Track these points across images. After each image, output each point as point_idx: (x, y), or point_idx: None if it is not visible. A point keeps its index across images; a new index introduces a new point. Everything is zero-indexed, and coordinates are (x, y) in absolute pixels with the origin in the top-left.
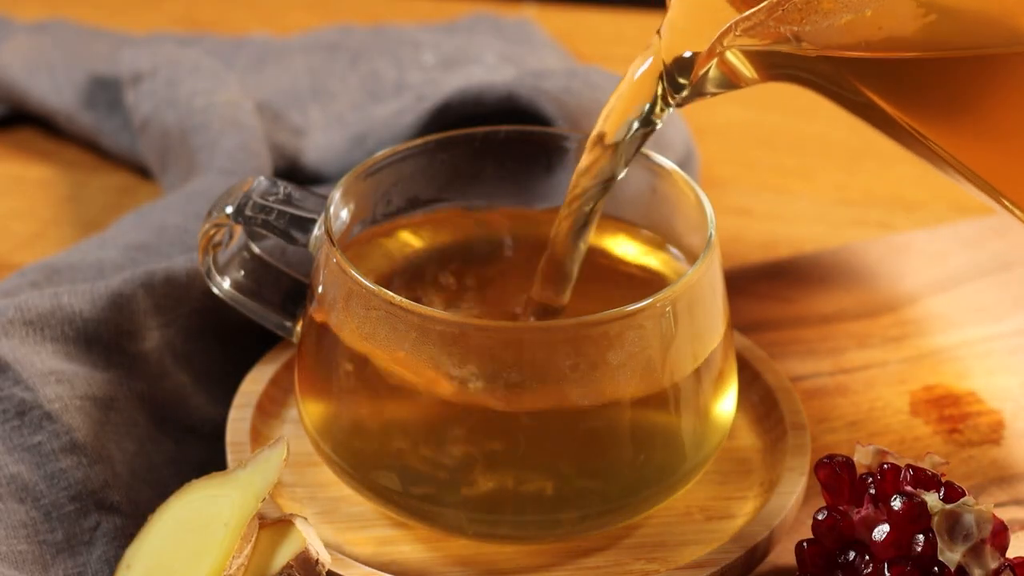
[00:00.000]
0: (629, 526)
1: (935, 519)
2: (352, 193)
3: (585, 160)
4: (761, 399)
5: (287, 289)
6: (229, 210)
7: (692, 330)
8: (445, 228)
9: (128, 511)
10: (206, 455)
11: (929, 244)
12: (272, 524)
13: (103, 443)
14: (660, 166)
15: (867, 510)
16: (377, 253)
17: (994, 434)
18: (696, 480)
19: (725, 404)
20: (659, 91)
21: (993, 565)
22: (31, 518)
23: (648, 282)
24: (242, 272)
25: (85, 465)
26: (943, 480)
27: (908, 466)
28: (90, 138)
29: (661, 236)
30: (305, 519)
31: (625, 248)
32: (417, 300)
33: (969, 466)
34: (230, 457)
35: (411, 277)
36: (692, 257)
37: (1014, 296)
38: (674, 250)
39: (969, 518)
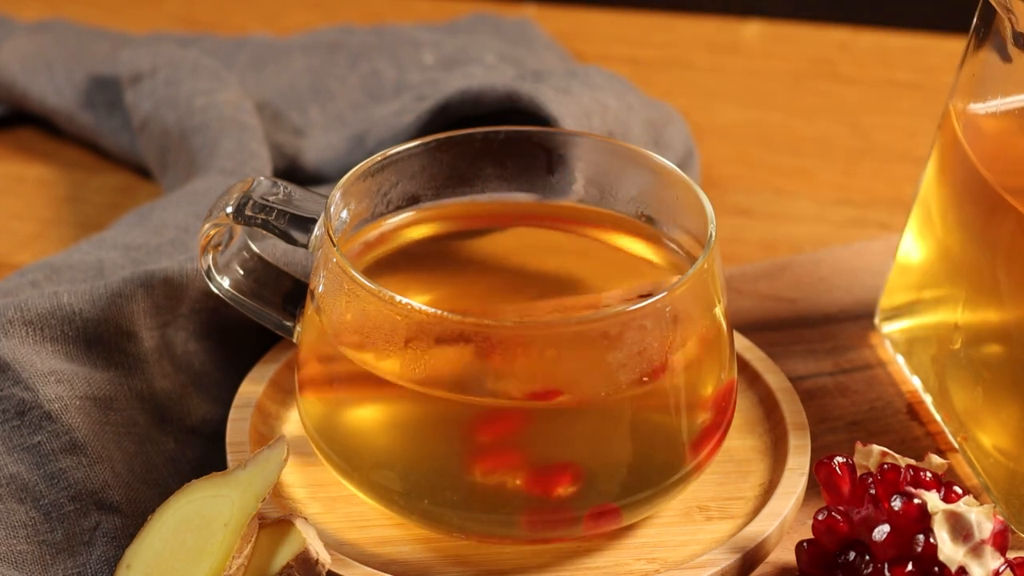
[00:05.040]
0: (629, 526)
1: (935, 519)
2: (352, 193)
3: None
4: (761, 399)
5: (287, 289)
6: (229, 210)
7: (692, 330)
8: (445, 227)
9: (128, 511)
10: (206, 455)
11: None
12: (272, 524)
13: (103, 443)
14: (660, 166)
15: (867, 510)
16: (377, 252)
17: None
18: (696, 480)
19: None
20: None
21: (993, 565)
22: (31, 518)
23: (648, 282)
24: (242, 272)
25: (85, 465)
26: (943, 480)
27: (908, 466)
28: (90, 138)
29: (661, 236)
30: (305, 519)
31: (626, 248)
32: (417, 299)
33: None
34: (230, 457)
35: (411, 276)
36: (692, 257)
37: None
38: (675, 250)
39: (969, 518)
